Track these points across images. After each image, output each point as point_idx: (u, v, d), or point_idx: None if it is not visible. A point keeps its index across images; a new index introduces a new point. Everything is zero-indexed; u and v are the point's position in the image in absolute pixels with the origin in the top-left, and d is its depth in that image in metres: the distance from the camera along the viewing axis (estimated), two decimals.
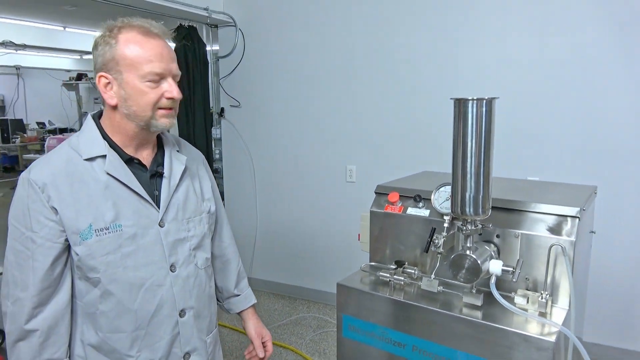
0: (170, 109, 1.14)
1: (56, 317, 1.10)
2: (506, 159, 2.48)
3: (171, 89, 1.12)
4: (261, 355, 1.47)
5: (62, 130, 8.52)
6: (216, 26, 3.71)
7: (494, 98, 1.13)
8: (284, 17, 3.47)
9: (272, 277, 3.87)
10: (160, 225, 1.17)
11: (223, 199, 2.43)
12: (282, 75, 3.55)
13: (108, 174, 1.12)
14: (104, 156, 1.12)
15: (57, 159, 1.11)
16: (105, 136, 1.14)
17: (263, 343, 1.48)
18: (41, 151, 6.89)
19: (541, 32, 2.70)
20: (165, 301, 1.18)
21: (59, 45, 6.52)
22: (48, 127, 9.23)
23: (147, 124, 1.12)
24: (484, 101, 1.13)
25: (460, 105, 1.15)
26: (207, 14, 3.39)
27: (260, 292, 3.88)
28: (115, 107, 1.11)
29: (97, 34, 1.12)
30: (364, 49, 3.21)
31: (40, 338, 1.08)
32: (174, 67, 1.14)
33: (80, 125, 8.85)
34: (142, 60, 1.08)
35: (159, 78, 1.10)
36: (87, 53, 7.65)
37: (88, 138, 1.14)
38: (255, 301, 1.55)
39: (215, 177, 1.46)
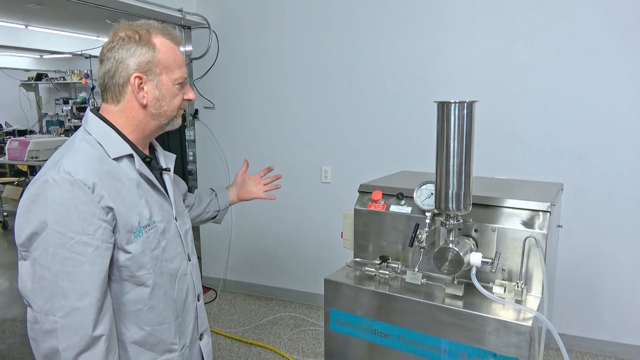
0: (183, 109, 1.24)
1: (112, 319, 1.08)
2: (476, 158, 2.61)
3: (191, 92, 1.23)
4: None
5: (22, 133, 8.20)
6: (189, 28, 3.70)
7: (474, 101, 1.22)
8: (258, 18, 3.50)
9: (248, 279, 3.88)
10: (176, 219, 1.26)
11: None
12: (256, 77, 3.58)
13: (139, 172, 1.15)
14: (130, 155, 1.15)
15: (91, 158, 1.08)
16: (120, 134, 1.16)
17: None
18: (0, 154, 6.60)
19: (508, 38, 2.85)
20: (189, 288, 1.28)
21: (19, 44, 6.30)
22: (5, 128, 8.86)
23: (168, 123, 1.21)
24: (465, 104, 1.21)
25: (444, 108, 1.23)
26: (181, 16, 3.38)
27: (235, 293, 3.89)
28: (144, 107, 1.16)
29: (115, 34, 1.14)
30: (338, 52, 3.28)
31: (105, 343, 1.05)
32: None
33: (40, 127, 8.52)
34: (176, 65, 1.17)
35: (184, 82, 1.20)
36: (49, 52, 7.41)
37: (106, 137, 1.13)
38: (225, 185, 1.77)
39: (189, 179, 1.57)
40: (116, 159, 1.13)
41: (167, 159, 1.32)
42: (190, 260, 1.29)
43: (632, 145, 2.68)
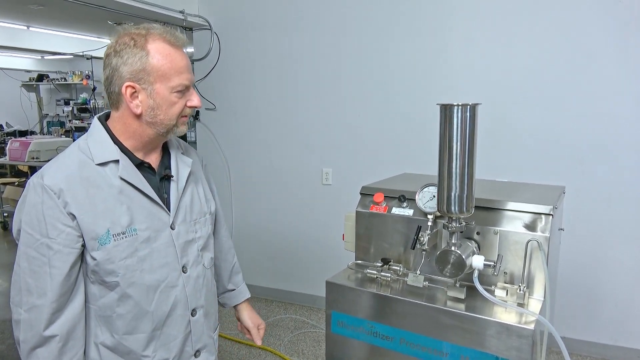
0: (187, 115, 1.19)
1: (74, 321, 1.09)
2: (477, 161, 2.61)
3: (195, 98, 1.17)
4: (259, 342, 1.55)
5: (22, 133, 8.20)
6: (191, 29, 3.71)
7: (477, 104, 1.22)
8: (260, 20, 3.51)
9: (248, 280, 3.79)
10: (172, 228, 1.20)
11: None
12: (257, 79, 3.58)
13: (122, 178, 1.12)
14: (117, 161, 1.13)
15: (70, 164, 1.10)
16: (115, 140, 1.15)
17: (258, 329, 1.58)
18: (0, 155, 6.60)
19: (509, 41, 2.85)
20: (178, 301, 1.21)
21: (20, 45, 6.30)
22: (6, 129, 8.87)
23: (168, 131, 1.16)
24: (468, 107, 1.21)
25: (447, 110, 1.23)
26: (182, 17, 3.39)
27: None
28: (138, 116, 1.12)
29: (114, 40, 1.12)
30: (340, 54, 3.29)
31: (59, 343, 1.07)
32: (193, 76, 1.18)
33: (41, 127, 8.55)
34: (173, 72, 1.11)
35: (186, 89, 1.14)
36: (50, 53, 7.42)
37: (98, 142, 1.14)
38: (249, 295, 1.64)
39: None
40: (102, 165, 1.11)
41: (181, 164, 1.27)
42: (185, 272, 1.22)
43: (633, 148, 2.68)
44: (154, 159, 1.22)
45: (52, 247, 1.06)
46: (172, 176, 1.24)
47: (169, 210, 1.21)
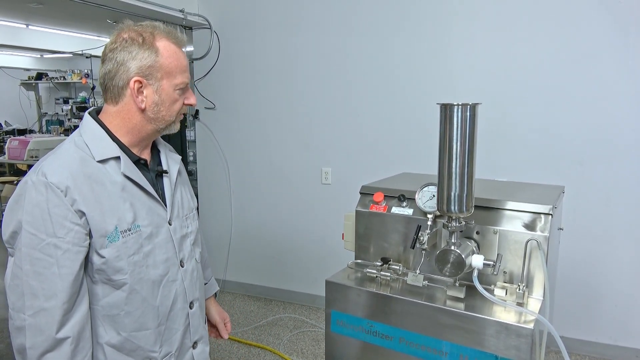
0: (183, 113, 1.22)
1: (83, 321, 1.08)
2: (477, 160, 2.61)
3: (192, 97, 1.21)
4: (226, 336, 1.58)
5: (21, 132, 8.18)
6: (191, 28, 3.70)
7: (477, 103, 1.22)
8: (259, 19, 3.50)
9: (247, 279, 3.88)
10: (170, 223, 1.22)
11: (197, 201, 2.48)
12: (257, 78, 3.58)
13: (124, 175, 1.13)
14: (117, 157, 1.13)
15: (71, 161, 1.08)
16: (112, 136, 1.15)
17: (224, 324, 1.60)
18: None
19: (509, 41, 2.85)
20: (178, 295, 1.24)
21: (19, 43, 6.29)
22: (5, 127, 8.85)
23: (165, 127, 1.19)
24: (469, 106, 1.22)
25: (447, 110, 1.24)
26: (182, 16, 3.38)
27: (235, 294, 3.88)
28: (142, 111, 1.14)
29: (119, 35, 1.12)
30: (339, 53, 3.28)
31: (71, 345, 1.05)
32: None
33: (40, 126, 8.51)
34: (178, 70, 1.15)
35: (186, 87, 1.18)
36: (49, 52, 7.41)
37: (95, 138, 1.13)
38: (218, 289, 1.67)
39: (189, 179, 1.53)
40: (102, 162, 1.11)
41: (170, 161, 1.30)
42: (182, 266, 1.26)
43: (632, 148, 2.69)
44: (146, 156, 1.23)
45: (60, 246, 1.03)
46: (167, 172, 1.26)
47: (165, 206, 1.23)
